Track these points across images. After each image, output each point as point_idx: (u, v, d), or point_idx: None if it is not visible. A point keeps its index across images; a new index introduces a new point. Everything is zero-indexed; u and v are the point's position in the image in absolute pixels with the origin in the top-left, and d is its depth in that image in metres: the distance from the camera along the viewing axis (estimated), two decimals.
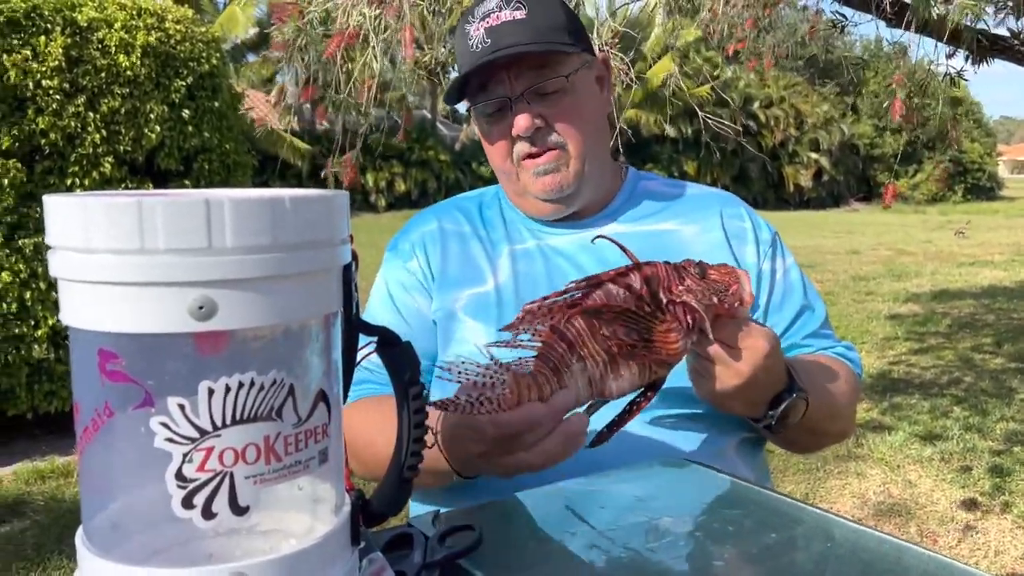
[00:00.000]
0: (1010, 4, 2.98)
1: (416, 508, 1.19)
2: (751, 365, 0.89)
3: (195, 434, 0.48)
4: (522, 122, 1.12)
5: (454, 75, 1.16)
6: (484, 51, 1.10)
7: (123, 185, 4.27)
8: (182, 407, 0.48)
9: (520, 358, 0.85)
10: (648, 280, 0.86)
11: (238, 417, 0.49)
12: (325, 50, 3.56)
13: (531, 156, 1.15)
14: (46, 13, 4.09)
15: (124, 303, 0.47)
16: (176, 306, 0.47)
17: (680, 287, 0.87)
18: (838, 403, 1.10)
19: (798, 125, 30.98)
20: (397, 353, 0.58)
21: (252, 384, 0.49)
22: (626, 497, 0.81)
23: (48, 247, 0.50)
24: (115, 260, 0.46)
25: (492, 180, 1.36)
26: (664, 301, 0.87)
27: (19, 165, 4.01)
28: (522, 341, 0.85)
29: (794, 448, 1.26)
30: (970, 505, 3.54)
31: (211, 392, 0.48)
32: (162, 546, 0.51)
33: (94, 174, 4.20)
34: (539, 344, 0.84)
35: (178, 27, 4.58)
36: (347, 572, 0.56)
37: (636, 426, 1.05)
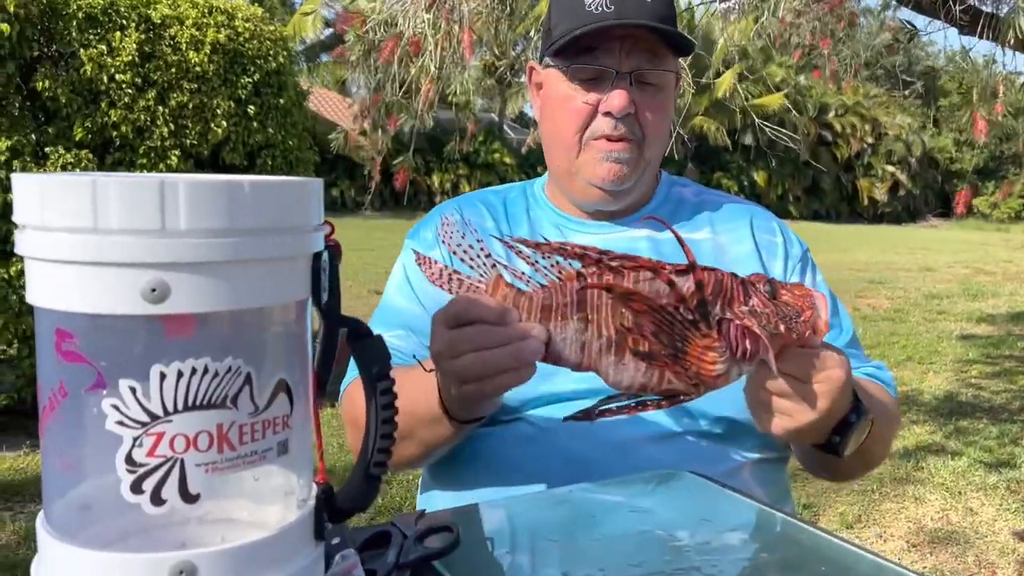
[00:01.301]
0: None
1: (422, 501, 1.18)
2: (827, 400, 0.80)
3: (146, 418, 0.48)
4: (619, 100, 1.09)
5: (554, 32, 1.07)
6: (605, 15, 1.07)
7: None
8: (133, 390, 0.47)
9: (523, 273, 0.81)
10: (700, 285, 0.76)
11: (190, 403, 0.48)
12: (380, 55, 3.60)
13: (607, 138, 1.12)
14: (122, 9, 4.23)
15: (78, 282, 0.46)
16: (129, 287, 0.46)
17: (743, 306, 0.76)
18: (886, 429, 1.05)
19: (876, 136, 30.14)
20: (366, 346, 0.56)
21: (206, 370, 0.48)
22: (620, 508, 0.78)
23: (16, 225, 0.50)
24: (69, 239, 0.46)
25: None
26: (716, 315, 0.76)
27: (91, 156, 4.15)
28: (537, 262, 0.79)
29: (830, 474, 1.17)
30: None
31: (163, 376, 0.48)
32: (120, 533, 0.51)
33: (161, 166, 4.32)
34: (554, 278, 0.79)
35: (247, 25, 4.68)
36: (307, 567, 0.55)
37: (642, 439, 1.02)
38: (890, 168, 30.64)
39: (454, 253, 0.83)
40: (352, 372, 1.11)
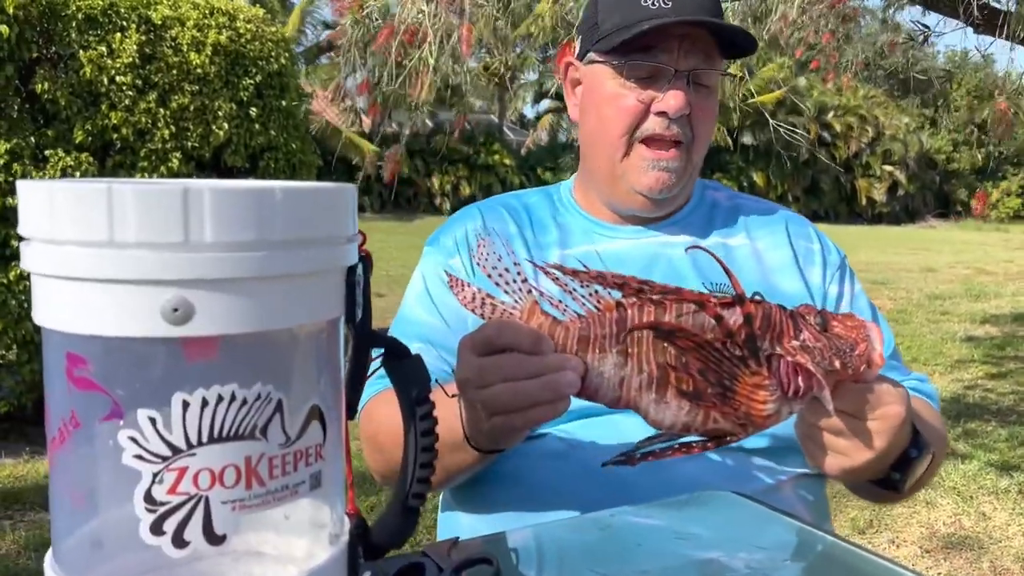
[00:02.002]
0: None
1: (443, 521, 1.13)
2: (885, 439, 0.76)
3: (167, 452, 0.43)
4: (677, 101, 1.04)
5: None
6: (663, 11, 1.03)
7: None
8: (153, 421, 0.43)
9: (559, 300, 0.76)
10: (749, 318, 0.71)
11: (216, 435, 0.44)
12: (375, 42, 3.55)
13: (657, 143, 1.07)
14: (122, 10, 4.18)
15: (91, 301, 0.42)
16: (148, 307, 0.41)
17: (793, 341, 0.71)
18: (941, 454, 0.99)
19: (874, 136, 30.12)
20: (405, 367, 0.52)
21: (233, 398, 0.44)
22: (664, 533, 0.74)
23: (21, 238, 0.45)
24: (82, 253, 0.41)
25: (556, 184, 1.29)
26: (766, 351, 0.71)
27: (91, 159, 4.10)
28: (575, 290, 0.74)
29: (877, 499, 1.12)
30: None
31: (186, 405, 0.43)
32: (136, 573, 0.46)
33: (162, 169, 4.26)
34: (592, 308, 0.74)
35: (249, 26, 4.63)
36: None
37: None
38: (888, 168, 30.61)
39: (489, 276, 0.78)
40: (369, 388, 1.06)
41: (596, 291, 0.74)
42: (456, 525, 1.07)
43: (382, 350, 0.53)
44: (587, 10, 1.14)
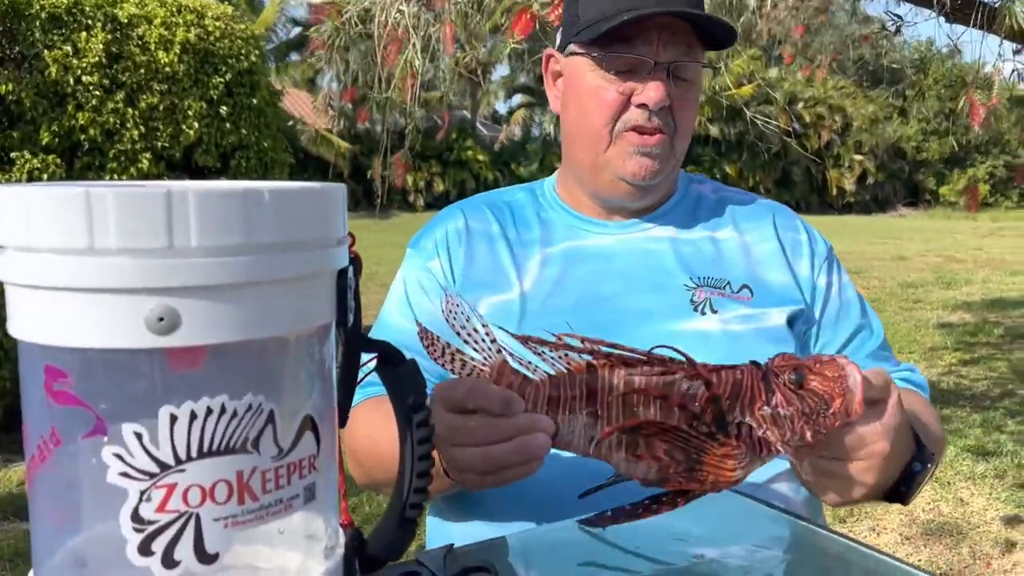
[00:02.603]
0: None
1: (432, 525, 1.11)
2: (873, 475, 0.75)
3: (155, 468, 0.41)
4: (657, 93, 1.03)
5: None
6: (643, 2, 1.01)
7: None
8: (139, 436, 0.41)
9: (529, 362, 0.76)
10: (716, 400, 0.69)
11: (206, 449, 0.42)
12: (386, 57, 3.51)
13: (641, 131, 1.06)
14: (87, 9, 4.10)
15: (71, 312, 0.40)
16: (131, 317, 0.39)
17: (765, 407, 0.70)
18: (941, 454, 0.99)
19: (843, 126, 30.41)
20: (400, 373, 0.50)
21: (223, 410, 0.42)
22: (662, 534, 0.73)
23: None
24: (59, 261, 0.39)
25: (531, 179, 1.27)
26: (736, 419, 0.70)
27: (58, 161, 4.02)
28: (543, 352, 0.74)
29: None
30: None
31: (174, 419, 0.41)
32: None
33: (132, 170, 4.20)
34: (563, 368, 0.73)
35: (217, 24, 4.57)
36: None
37: None
38: (858, 158, 30.92)
39: (458, 334, 0.77)
40: (360, 393, 1.04)
41: (567, 354, 0.74)
42: (446, 527, 1.06)
43: (373, 355, 0.52)
44: (568, 2, 1.13)
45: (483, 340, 0.76)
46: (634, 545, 0.70)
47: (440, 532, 1.08)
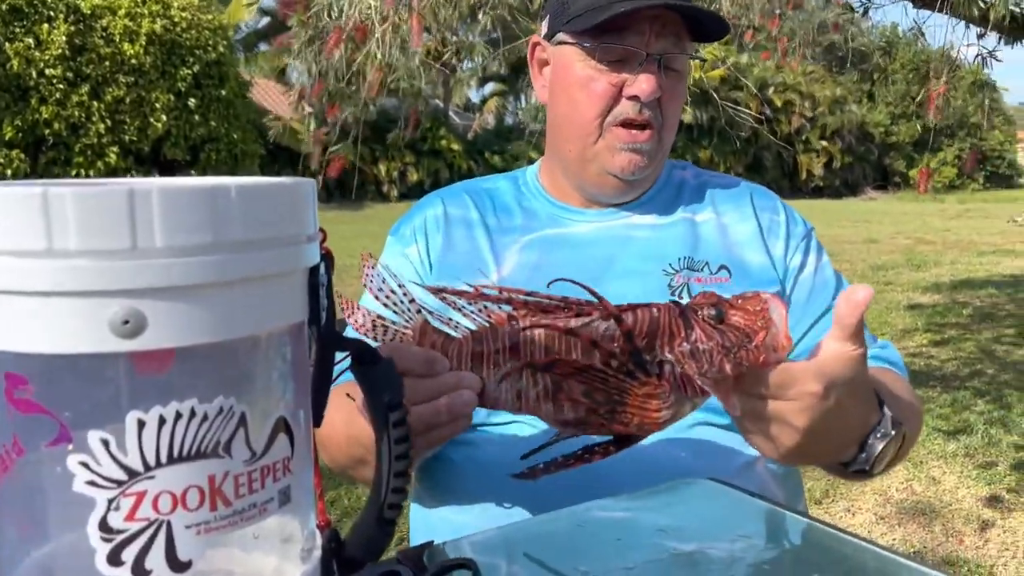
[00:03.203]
0: None
1: (415, 513, 1.11)
2: (805, 417, 0.70)
3: (123, 476, 0.40)
4: (648, 84, 1.03)
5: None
6: None
7: (129, 175, 4.24)
8: (106, 443, 0.39)
9: (449, 318, 0.75)
10: (629, 335, 0.67)
11: (176, 454, 0.40)
12: (326, 47, 3.48)
13: (630, 125, 1.06)
14: (49, 0, 4.02)
15: (30, 317, 0.38)
16: (95, 321, 0.38)
17: (684, 343, 0.68)
18: (914, 428, 0.96)
19: (813, 110, 30.63)
20: (375, 372, 0.49)
21: (193, 414, 0.40)
22: (643, 525, 0.72)
23: None
24: (16, 264, 0.37)
25: (505, 168, 1.27)
26: (656, 357, 0.68)
27: (23, 156, 3.96)
28: (464, 307, 0.73)
29: (854, 479, 1.11)
30: (996, 503, 3.43)
31: (141, 424, 0.40)
32: None
33: (99, 164, 4.15)
34: (484, 322, 0.73)
35: (184, 14, 4.52)
36: None
37: (652, 438, 0.96)
38: (824, 143, 31.18)
39: (377, 298, 0.77)
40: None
41: (486, 306, 0.73)
42: (429, 517, 1.05)
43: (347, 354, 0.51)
44: None
45: (402, 302, 0.76)
46: (615, 537, 0.70)
47: (422, 519, 1.08)
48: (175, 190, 0.38)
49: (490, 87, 28.56)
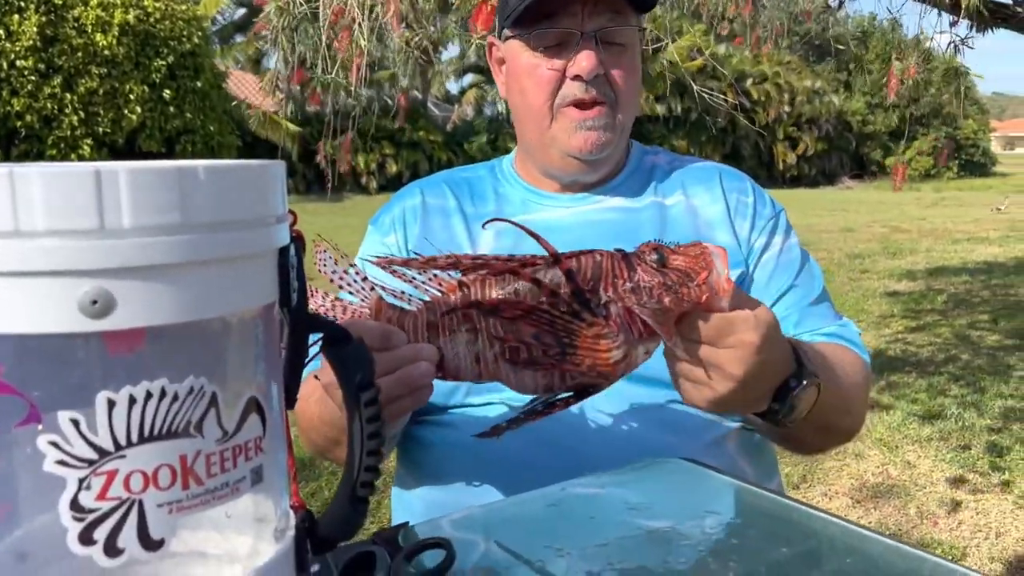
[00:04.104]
0: None
1: (396, 495, 1.12)
2: (741, 366, 0.73)
3: (93, 455, 0.40)
4: (587, 62, 1.04)
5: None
6: None
7: None
8: (76, 423, 0.40)
9: (402, 292, 0.77)
10: (570, 273, 0.70)
11: (147, 434, 0.41)
12: (336, 40, 3.45)
13: (581, 105, 1.07)
14: None
15: None
16: (63, 301, 0.38)
17: (626, 284, 0.70)
18: (849, 394, 0.98)
19: (791, 101, 30.81)
20: (347, 353, 0.49)
21: (163, 394, 0.41)
22: (616, 504, 0.73)
23: None
24: None
25: (484, 159, 1.29)
26: (603, 299, 0.70)
27: None
28: (414, 278, 0.75)
29: (799, 448, 1.12)
30: (970, 485, 3.48)
31: (112, 404, 0.40)
32: None
33: (72, 156, 4.11)
34: (436, 292, 0.75)
35: (157, 5, 4.47)
36: None
37: (617, 414, 0.97)
38: (804, 132, 31.37)
39: (331, 281, 0.79)
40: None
41: (435, 275, 0.75)
42: (410, 498, 1.06)
43: (319, 335, 0.51)
44: None
45: (355, 281, 0.77)
46: (588, 515, 0.71)
47: (403, 501, 1.09)
48: (143, 171, 0.39)
49: (469, 78, 28.48)
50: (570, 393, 0.76)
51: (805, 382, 0.82)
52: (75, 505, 0.40)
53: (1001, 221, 15.02)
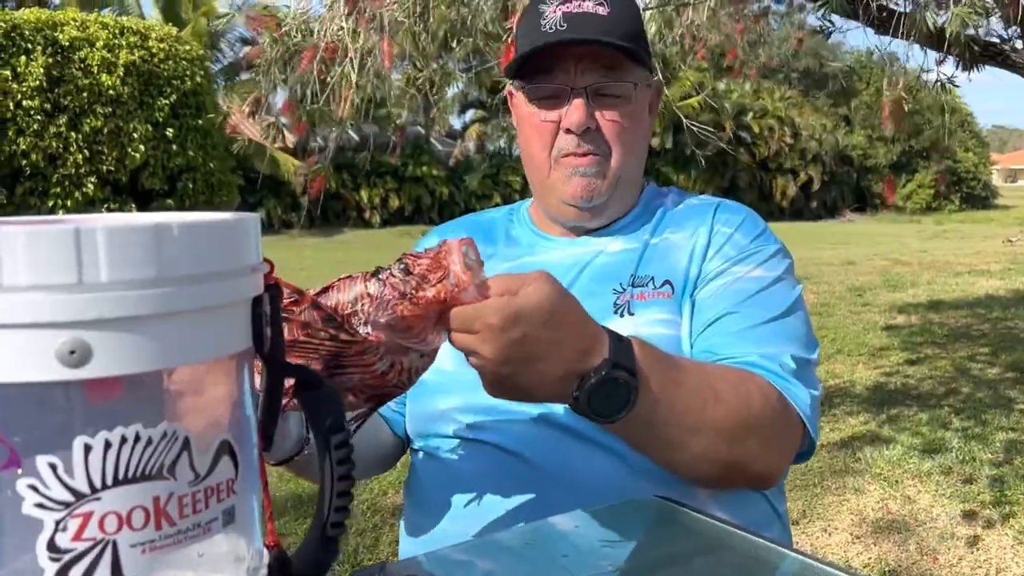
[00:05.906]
0: (999, 12, 2.94)
1: (401, 527, 1.14)
2: (489, 347, 0.75)
3: (69, 498, 0.42)
4: (576, 116, 1.09)
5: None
6: (559, 33, 1.07)
7: (106, 206, 4.24)
8: (54, 467, 0.42)
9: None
10: (315, 304, 0.72)
11: (121, 477, 0.43)
12: (299, 65, 3.51)
13: (573, 155, 1.12)
14: (27, 32, 4.06)
15: None
16: (43, 351, 0.40)
17: (370, 301, 0.73)
18: (708, 416, 0.89)
19: (793, 135, 31.03)
20: (317, 397, 0.51)
21: (138, 438, 0.43)
22: (591, 543, 0.75)
23: None
24: None
25: (484, 194, 1.34)
26: (358, 323, 0.73)
27: None
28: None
29: (668, 465, 0.96)
30: (971, 520, 3.46)
31: (88, 449, 0.42)
32: None
33: (76, 195, 4.15)
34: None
35: (162, 45, 4.55)
36: None
37: (591, 455, 0.98)
38: (806, 166, 31.55)
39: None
40: None
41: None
42: (409, 530, 1.09)
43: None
44: (513, 39, 1.20)
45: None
46: (562, 553, 0.72)
47: (403, 534, 1.12)
48: (120, 228, 0.41)
49: (471, 114, 28.75)
50: (370, 405, 0.80)
51: (605, 374, 0.79)
52: (52, 546, 0.42)
53: (1003, 254, 15.03)
